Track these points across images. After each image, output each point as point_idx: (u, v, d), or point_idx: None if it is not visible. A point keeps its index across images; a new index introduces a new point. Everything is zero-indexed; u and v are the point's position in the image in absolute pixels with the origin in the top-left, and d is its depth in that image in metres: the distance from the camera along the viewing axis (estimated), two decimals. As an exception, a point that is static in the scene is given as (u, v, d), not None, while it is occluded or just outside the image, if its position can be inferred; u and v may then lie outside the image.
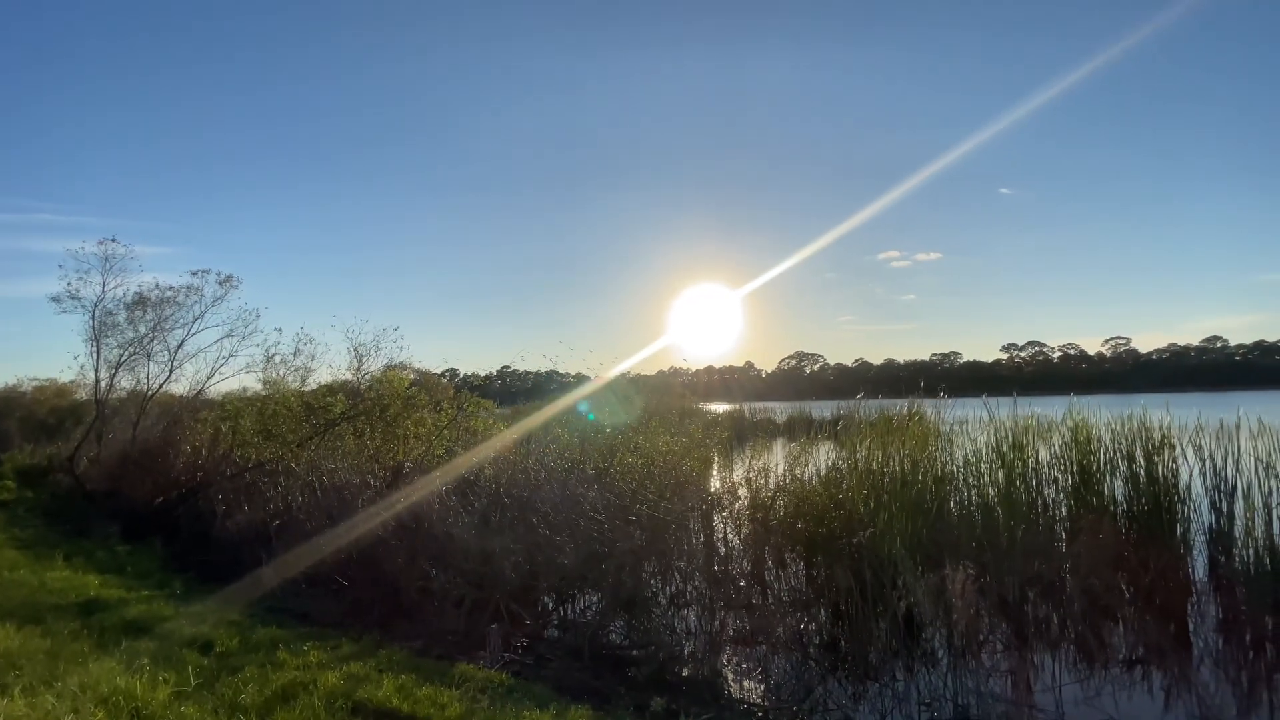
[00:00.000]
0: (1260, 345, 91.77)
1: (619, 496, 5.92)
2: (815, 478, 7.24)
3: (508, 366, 66.75)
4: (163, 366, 11.72)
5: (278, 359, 11.22)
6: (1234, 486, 5.71)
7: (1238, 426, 5.90)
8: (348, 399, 9.80)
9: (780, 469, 7.46)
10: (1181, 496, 5.96)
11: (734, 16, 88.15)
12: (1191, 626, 5.24)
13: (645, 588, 5.82)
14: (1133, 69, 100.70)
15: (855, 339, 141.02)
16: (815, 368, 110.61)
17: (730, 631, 5.26)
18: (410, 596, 5.91)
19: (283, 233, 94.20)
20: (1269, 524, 5.38)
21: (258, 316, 11.58)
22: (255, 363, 11.50)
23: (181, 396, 12.16)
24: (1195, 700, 4.20)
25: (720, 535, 6.75)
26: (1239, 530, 5.59)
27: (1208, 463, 5.90)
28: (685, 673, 4.55)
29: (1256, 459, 5.63)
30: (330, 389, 10.56)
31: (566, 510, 5.64)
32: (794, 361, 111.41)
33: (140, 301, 11.51)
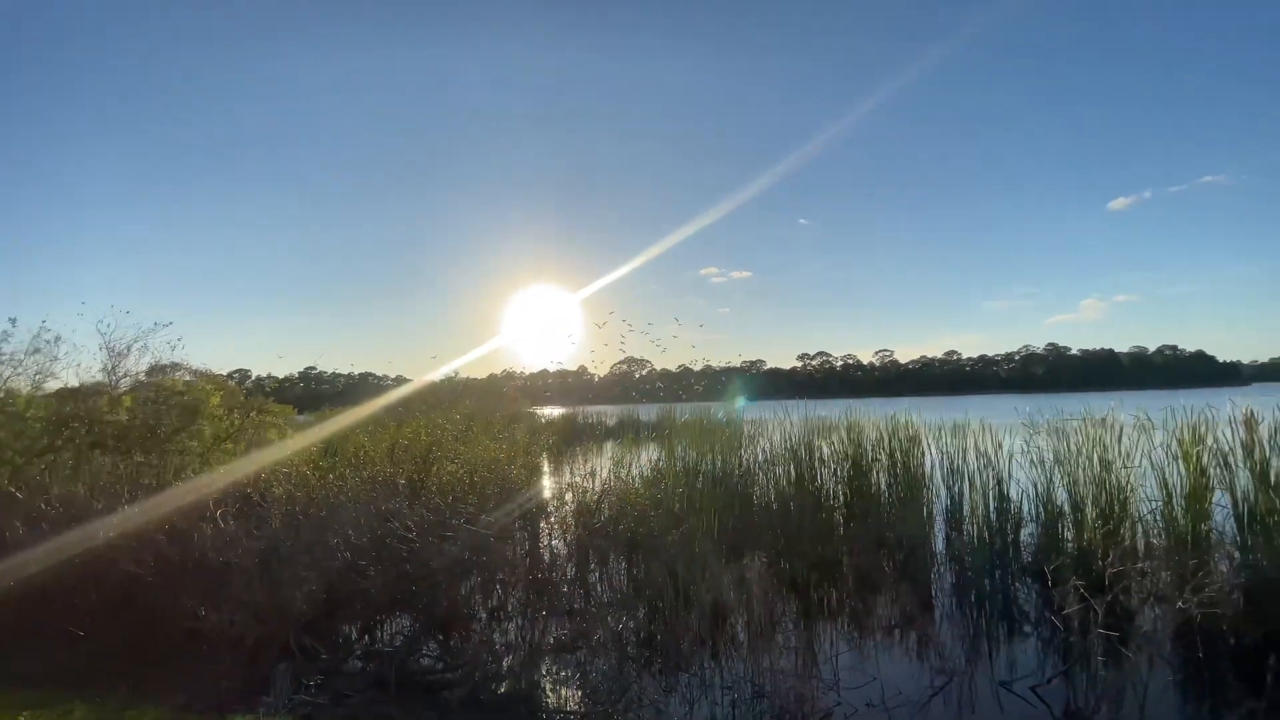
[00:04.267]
0: (983, 359, 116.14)
1: (434, 511, 5.59)
2: (638, 479, 7.52)
3: (313, 367, 60.07)
4: None
5: (6, 356, 8.79)
6: (962, 474, 7.01)
7: (966, 426, 7.28)
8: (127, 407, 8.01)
9: (605, 471, 7.63)
10: (927, 483, 7.21)
11: (568, 18, 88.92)
12: (934, 593, 6.31)
13: (464, 605, 5.55)
14: (901, 110, 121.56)
15: (679, 347, 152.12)
16: (643, 373, 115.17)
17: (551, 640, 5.22)
18: (173, 640, 5.00)
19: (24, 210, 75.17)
20: (986, 504, 6.69)
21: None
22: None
23: None
24: (937, 655, 5.05)
25: (545, 542, 6.70)
26: (966, 510, 6.88)
27: (944, 455, 7.19)
28: (502, 689, 4.42)
29: (978, 451, 6.97)
30: (76, 393, 8.54)
31: (373, 530, 5.18)
32: (625, 367, 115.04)
33: None
